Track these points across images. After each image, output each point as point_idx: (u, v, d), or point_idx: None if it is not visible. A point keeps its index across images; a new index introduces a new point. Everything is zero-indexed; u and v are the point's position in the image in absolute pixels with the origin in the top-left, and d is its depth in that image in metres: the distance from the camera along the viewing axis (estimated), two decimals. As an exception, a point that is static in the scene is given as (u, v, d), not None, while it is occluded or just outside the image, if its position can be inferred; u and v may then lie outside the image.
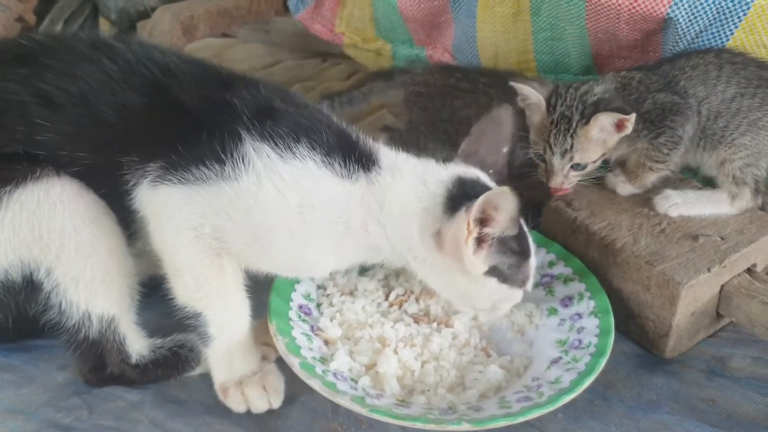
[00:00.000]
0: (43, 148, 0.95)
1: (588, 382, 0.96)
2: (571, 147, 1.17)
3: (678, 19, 1.28)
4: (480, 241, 0.94)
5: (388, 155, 1.01)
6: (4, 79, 0.96)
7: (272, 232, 0.94)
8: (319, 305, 1.15)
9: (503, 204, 0.89)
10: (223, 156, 0.92)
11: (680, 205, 1.19)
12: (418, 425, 0.89)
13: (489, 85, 1.46)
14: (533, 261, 1.03)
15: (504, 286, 0.99)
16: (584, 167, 1.19)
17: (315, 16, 1.98)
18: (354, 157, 0.97)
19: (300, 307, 1.12)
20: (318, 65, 2.17)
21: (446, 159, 1.47)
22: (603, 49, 1.45)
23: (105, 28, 1.89)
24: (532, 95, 1.19)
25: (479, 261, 0.95)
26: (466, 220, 0.91)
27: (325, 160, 0.95)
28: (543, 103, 1.18)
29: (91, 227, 0.96)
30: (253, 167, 0.92)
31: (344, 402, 0.92)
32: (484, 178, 1.02)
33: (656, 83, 1.18)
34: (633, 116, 1.12)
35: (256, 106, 0.96)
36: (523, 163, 1.42)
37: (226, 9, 1.97)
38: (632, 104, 1.17)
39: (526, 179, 1.47)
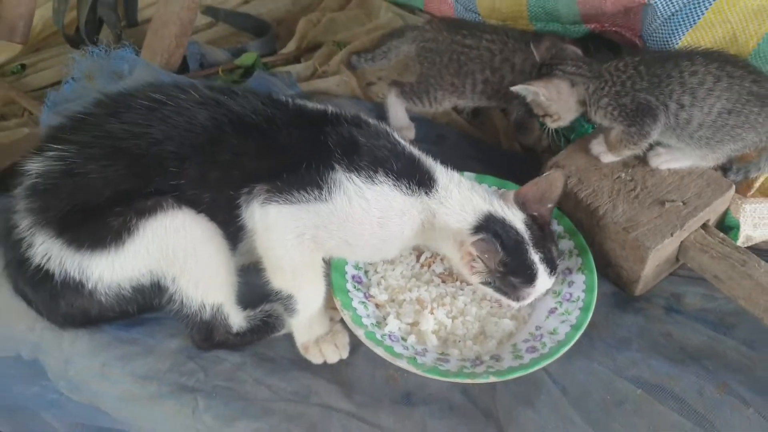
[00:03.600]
0: (175, 190, 1.21)
1: (578, 334, 1.26)
2: None
3: (657, 4, 1.46)
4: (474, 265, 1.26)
5: (443, 176, 1.31)
6: (135, 137, 1.20)
7: (359, 236, 1.26)
8: (366, 272, 1.44)
9: (488, 256, 1.22)
10: (320, 182, 1.21)
11: (669, 161, 1.45)
12: (459, 380, 1.22)
13: (492, 42, 1.66)
14: (538, 287, 1.28)
15: (497, 294, 1.31)
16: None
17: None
18: (417, 179, 1.27)
19: (353, 277, 1.40)
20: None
21: (455, 107, 1.83)
22: (590, 15, 1.63)
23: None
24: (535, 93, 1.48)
25: (473, 278, 1.28)
26: (467, 250, 1.23)
27: (396, 183, 1.25)
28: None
29: (207, 245, 1.23)
30: (344, 191, 1.22)
31: (402, 364, 1.22)
32: (513, 219, 1.28)
33: (642, 83, 1.36)
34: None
35: (344, 144, 1.25)
36: (521, 118, 1.69)
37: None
38: (612, 96, 1.40)
39: (523, 129, 1.74)
